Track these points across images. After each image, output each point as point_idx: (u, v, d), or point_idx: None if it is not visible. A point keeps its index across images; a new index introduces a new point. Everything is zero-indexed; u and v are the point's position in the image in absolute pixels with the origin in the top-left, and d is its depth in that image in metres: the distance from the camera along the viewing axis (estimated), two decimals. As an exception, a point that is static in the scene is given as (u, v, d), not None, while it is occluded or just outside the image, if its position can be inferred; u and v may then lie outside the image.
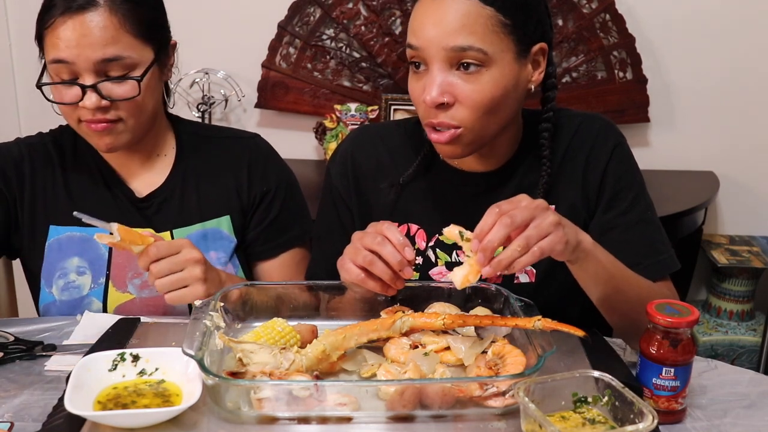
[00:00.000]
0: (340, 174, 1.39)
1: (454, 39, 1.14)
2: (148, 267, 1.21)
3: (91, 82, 1.26)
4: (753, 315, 2.68)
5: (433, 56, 1.16)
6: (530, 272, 1.33)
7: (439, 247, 1.35)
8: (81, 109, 1.28)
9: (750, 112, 2.71)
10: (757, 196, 2.79)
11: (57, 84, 1.28)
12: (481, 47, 1.14)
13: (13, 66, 2.67)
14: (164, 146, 1.46)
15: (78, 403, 0.95)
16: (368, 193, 1.38)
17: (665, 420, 1.04)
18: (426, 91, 1.17)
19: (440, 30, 1.15)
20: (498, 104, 1.19)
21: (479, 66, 1.15)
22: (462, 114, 1.17)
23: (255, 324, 1.18)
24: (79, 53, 1.25)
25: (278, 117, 2.73)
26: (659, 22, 2.62)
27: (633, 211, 1.29)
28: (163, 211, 1.43)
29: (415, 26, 1.18)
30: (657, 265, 1.27)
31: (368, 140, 1.41)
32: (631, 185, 1.30)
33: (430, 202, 1.35)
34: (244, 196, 1.46)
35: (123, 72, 1.28)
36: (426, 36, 1.16)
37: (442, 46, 1.15)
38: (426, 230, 1.35)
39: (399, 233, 1.13)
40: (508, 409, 0.98)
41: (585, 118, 1.34)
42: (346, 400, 0.97)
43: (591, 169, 1.30)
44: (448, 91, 1.16)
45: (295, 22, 2.60)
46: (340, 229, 1.38)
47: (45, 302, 1.42)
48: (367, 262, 1.12)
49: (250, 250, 1.49)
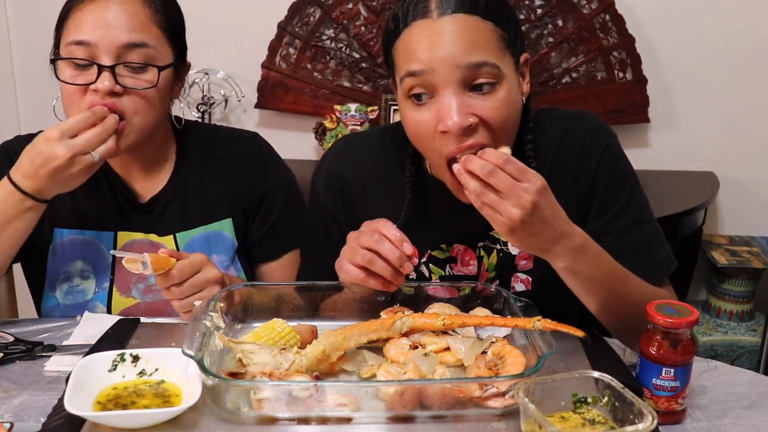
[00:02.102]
0: (325, 189, 1.37)
1: (468, 56, 1.09)
2: (168, 287, 1.21)
3: (109, 63, 1.25)
4: (753, 315, 2.68)
5: (445, 79, 1.10)
6: (526, 281, 1.32)
7: (432, 262, 1.33)
8: (90, 97, 1.26)
9: (750, 113, 2.71)
10: (757, 196, 2.79)
11: (74, 59, 1.26)
12: (494, 62, 1.11)
13: (13, 66, 2.68)
14: (165, 151, 1.45)
15: (78, 404, 0.95)
16: (356, 207, 1.35)
17: (665, 420, 1.04)
18: (445, 118, 1.10)
19: (451, 49, 1.09)
20: (513, 119, 1.16)
21: (493, 83, 1.11)
22: (488, 134, 1.12)
23: (255, 324, 1.19)
24: (105, 34, 1.24)
25: (278, 117, 2.73)
26: (659, 22, 2.62)
27: (627, 214, 1.26)
28: (166, 216, 1.43)
29: (417, 51, 1.11)
30: (654, 268, 1.25)
31: (352, 155, 1.37)
32: (623, 188, 1.27)
33: (420, 219, 1.31)
34: (246, 199, 1.46)
35: (141, 60, 1.27)
36: (435, 57, 1.09)
37: (456, 64, 1.09)
38: (418, 246, 1.31)
39: (395, 229, 1.13)
40: (508, 410, 0.98)
41: (572, 120, 1.29)
42: (346, 401, 0.97)
43: (581, 174, 1.27)
44: (469, 113, 1.10)
45: (295, 22, 2.60)
46: (328, 242, 1.35)
47: (48, 306, 1.42)
48: (366, 261, 1.12)
49: (253, 252, 1.49)
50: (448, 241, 1.32)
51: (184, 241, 1.42)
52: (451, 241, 1.31)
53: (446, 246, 1.32)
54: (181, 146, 1.46)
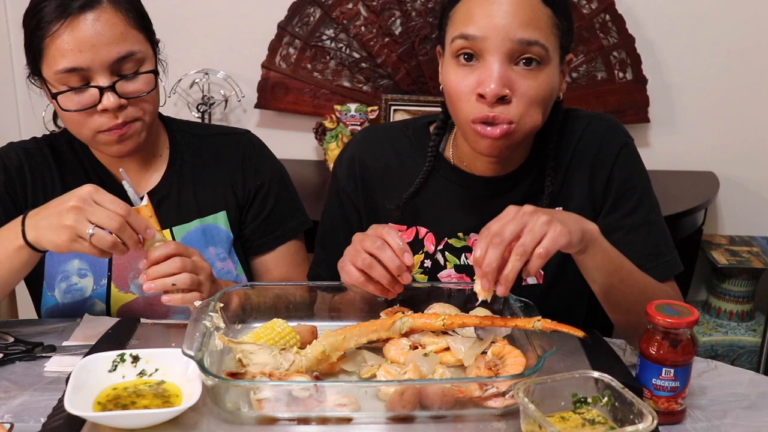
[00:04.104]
0: (347, 176, 1.39)
1: (523, 32, 1.13)
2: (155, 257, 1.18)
3: (107, 83, 1.25)
4: (753, 315, 2.68)
5: (496, 47, 1.13)
6: (538, 274, 1.33)
7: (448, 250, 1.35)
8: (98, 119, 1.27)
9: (750, 113, 2.71)
10: (757, 196, 2.78)
11: (69, 91, 1.25)
12: (544, 44, 1.14)
13: (13, 66, 2.67)
14: (159, 146, 1.46)
15: (78, 404, 0.95)
16: (376, 194, 1.38)
17: (665, 420, 1.04)
18: (484, 84, 1.14)
19: (509, 20, 1.12)
20: (546, 105, 1.19)
21: (539, 63, 1.15)
22: (517, 110, 1.16)
23: (255, 325, 1.19)
24: (93, 56, 1.23)
25: (278, 117, 2.73)
26: (659, 22, 2.62)
27: (638, 212, 1.29)
28: (161, 210, 1.42)
29: (476, 15, 1.14)
30: (660, 267, 1.27)
31: (375, 142, 1.40)
32: (636, 187, 1.30)
33: (438, 206, 1.34)
34: (239, 192, 1.47)
35: (135, 68, 1.28)
36: (491, 25, 1.13)
37: (510, 37, 1.13)
38: (435, 233, 1.35)
39: (399, 238, 1.13)
40: (508, 410, 0.98)
41: (592, 119, 1.33)
42: (346, 401, 0.97)
43: (597, 171, 1.30)
44: (507, 85, 1.14)
45: (295, 22, 2.60)
46: (347, 229, 1.37)
47: (48, 305, 1.42)
48: (366, 266, 1.12)
49: (248, 245, 1.50)
50: (465, 230, 1.34)
51: (181, 234, 1.44)
52: (468, 231, 1.33)
53: (463, 235, 1.34)
54: (174, 141, 1.47)
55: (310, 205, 1.62)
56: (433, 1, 2.55)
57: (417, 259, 1.36)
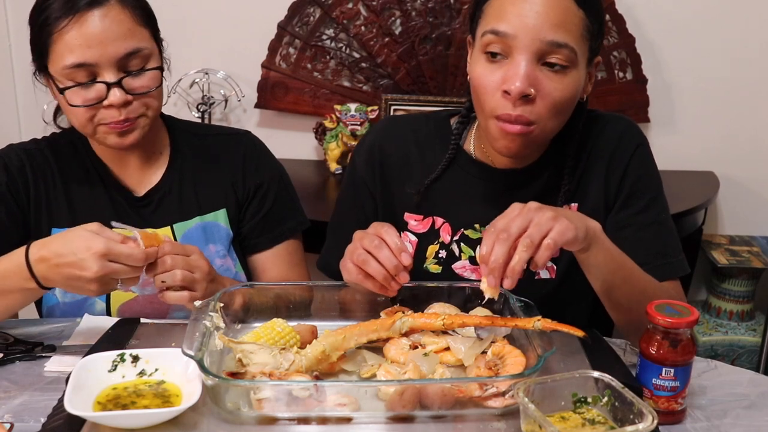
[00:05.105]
0: (366, 162, 1.40)
1: (554, 33, 1.13)
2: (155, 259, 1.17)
3: (114, 79, 1.26)
4: (753, 315, 2.68)
5: (525, 46, 1.14)
6: (551, 268, 1.34)
7: (463, 242, 1.36)
8: (102, 112, 1.28)
9: (750, 113, 2.70)
10: (757, 196, 2.78)
11: (76, 87, 1.26)
12: (573, 47, 1.15)
13: (13, 66, 2.67)
14: (161, 144, 1.47)
15: (78, 404, 0.95)
16: (393, 184, 1.38)
17: (665, 420, 1.04)
18: (509, 81, 1.14)
19: (540, 21, 1.13)
20: (568, 107, 1.20)
21: (566, 66, 1.15)
22: (539, 111, 1.16)
23: (255, 324, 1.19)
24: (101, 52, 1.24)
25: (278, 117, 2.73)
26: (659, 22, 2.62)
27: (649, 211, 1.30)
28: (162, 207, 1.44)
29: (508, 12, 1.15)
30: (666, 267, 1.28)
31: (397, 131, 1.41)
32: (649, 186, 1.32)
33: (456, 196, 1.35)
34: (239, 190, 1.48)
35: (141, 65, 1.29)
36: (522, 24, 1.13)
37: (540, 37, 1.13)
38: (451, 224, 1.36)
39: (397, 237, 1.14)
40: (508, 410, 0.98)
41: (610, 119, 1.35)
42: (346, 401, 0.97)
43: (613, 169, 1.32)
44: (532, 84, 1.15)
45: (295, 22, 2.60)
46: (361, 217, 1.38)
47: (49, 305, 1.43)
48: (361, 261, 1.13)
49: (246, 243, 1.51)
50: (482, 222, 1.34)
51: (182, 232, 1.44)
52: (485, 222, 1.34)
53: (480, 226, 1.35)
54: (175, 141, 1.48)
55: (310, 205, 1.63)
56: (434, 1, 2.55)
57: (432, 249, 1.37)
